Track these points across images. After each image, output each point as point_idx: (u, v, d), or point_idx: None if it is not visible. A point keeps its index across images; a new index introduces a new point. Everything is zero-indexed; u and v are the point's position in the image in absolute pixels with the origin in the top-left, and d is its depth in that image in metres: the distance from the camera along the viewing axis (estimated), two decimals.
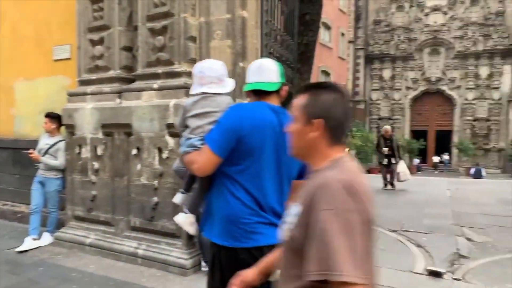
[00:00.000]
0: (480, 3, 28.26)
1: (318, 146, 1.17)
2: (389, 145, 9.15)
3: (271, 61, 1.97)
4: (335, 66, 24.71)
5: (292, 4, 5.66)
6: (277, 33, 4.83)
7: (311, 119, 1.15)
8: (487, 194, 8.28)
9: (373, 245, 1.06)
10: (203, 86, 2.01)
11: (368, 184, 1.09)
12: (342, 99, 1.18)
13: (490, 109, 28.58)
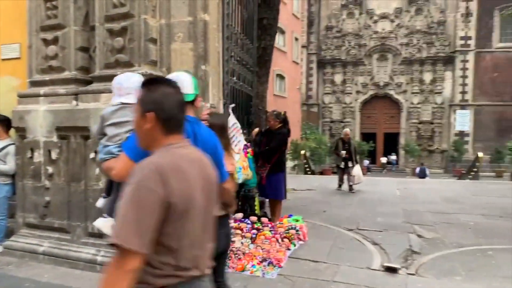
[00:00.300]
0: (424, 13, 30.01)
1: (154, 135, 1.29)
2: (347, 149, 9.14)
3: (186, 74, 2.12)
4: (289, 70, 25.16)
5: (251, 9, 5.73)
6: (238, 36, 4.88)
7: (145, 112, 1.27)
8: (432, 193, 8.80)
9: (201, 230, 1.24)
10: (121, 96, 2.16)
11: (208, 171, 1.30)
12: (174, 93, 1.31)
13: (434, 112, 30.39)
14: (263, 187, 5.14)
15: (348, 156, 9.07)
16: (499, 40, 29.48)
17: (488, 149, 29.00)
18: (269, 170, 5.05)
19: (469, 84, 29.64)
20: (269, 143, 5.09)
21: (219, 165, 2.06)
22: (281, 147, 5.21)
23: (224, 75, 4.34)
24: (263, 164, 5.12)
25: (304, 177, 13.60)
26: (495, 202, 7.51)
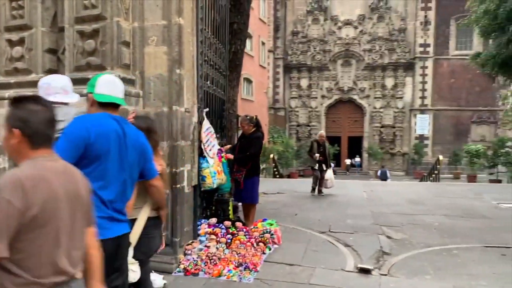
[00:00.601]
0: (385, 20, 31.06)
1: (20, 149, 1.38)
2: (322, 151, 8.98)
3: (118, 79, 2.23)
4: (256, 74, 25.33)
5: (223, 14, 5.73)
6: (211, 41, 4.87)
7: (11, 129, 1.36)
8: (397, 195, 9.10)
9: (67, 238, 1.32)
10: (49, 96, 2.19)
11: (81, 184, 1.41)
12: (41, 111, 1.39)
13: (395, 116, 31.47)
14: (238, 191, 5.15)
15: (323, 159, 8.93)
16: (455, 48, 31.01)
17: (446, 152, 30.34)
18: (245, 174, 5.06)
19: (428, 89, 30.96)
20: (245, 148, 5.11)
21: (148, 162, 2.23)
22: (260, 152, 5.29)
23: (198, 79, 4.31)
24: (239, 168, 5.12)
25: (273, 180, 13.70)
26: (455, 203, 7.87)
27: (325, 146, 9.18)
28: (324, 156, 8.96)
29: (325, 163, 8.96)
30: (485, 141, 29.69)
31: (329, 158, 9.24)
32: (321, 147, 9.05)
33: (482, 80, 30.03)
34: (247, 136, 5.24)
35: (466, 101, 31.09)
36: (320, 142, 9.16)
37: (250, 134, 5.23)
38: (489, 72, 17.05)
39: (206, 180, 4.32)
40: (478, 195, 8.98)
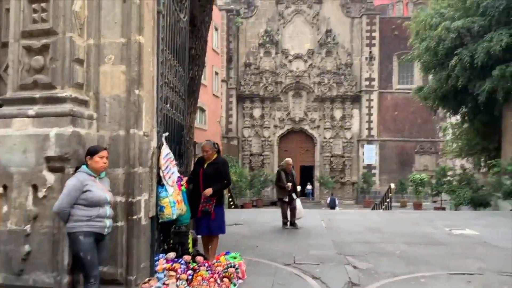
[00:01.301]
0: (333, 55, 32.50)
1: None
2: (290, 180, 8.38)
3: None
4: (210, 103, 25.22)
5: (183, 37, 5.55)
6: (171, 63, 4.64)
7: None
8: (355, 223, 9.12)
9: None
10: None
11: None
12: None
13: (344, 146, 32.47)
14: (204, 222, 4.83)
15: (292, 189, 8.38)
16: (398, 82, 33.00)
17: (392, 181, 31.51)
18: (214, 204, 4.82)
19: (374, 121, 32.43)
20: (213, 176, 4.86)
21: None
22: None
23: (158, 101, 4.03)
24: (209, 198, 4.83)
25: (229, 211, 13.27)
26: (412, 230, 7.98)
27: (293, 175, 8.66)
28: (293, 185, 8.48)
29: (294, 193, 8.45)
30: (428, 170, 31.29)
31: (297, 187, 8.77)
32: (289, 176, 8.48)
33: (423, 113, 31.99)
34: (212, 162, 4.99)
35: (409, 132, 32.86)
36: (288, 170, 8.56)
37: (214, 160, 4.98)
38: (431, 105, 18.20)
39: (165, 211, 3.96)
40: (430, 222, 9.21)
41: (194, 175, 5.01)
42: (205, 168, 4.96)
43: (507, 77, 13.02)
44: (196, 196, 4.85)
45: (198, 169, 4.96)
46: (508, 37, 12.94)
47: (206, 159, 4.99)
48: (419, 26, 16.50)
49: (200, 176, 4.92)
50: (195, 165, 5.10)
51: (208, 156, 4.97)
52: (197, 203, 4.83)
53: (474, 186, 15.86)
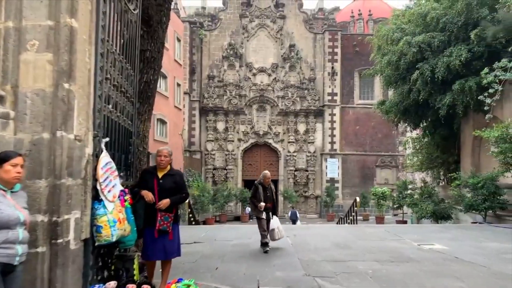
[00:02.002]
0: (296, 69, 32.67)
1: None
2: (269, 196, 7.40)
3: None
4: (171, 115, 24.38)
5: (133, 32, 4.92)
6: (116, 57, 3.99)
7: None
8: (321, 239, 8.66)
9: None
10: None
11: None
12: None
13: (308, 160, 32.44)
14: (158, 244, 4.17)
15: (270, 206, 7.32)
16: (359, 97, 33.57)
17: (355, 194, 31.75)
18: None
19: (336, 135, 32.69)
20: (168, 188, 4.28)
21: None
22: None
23: (96, 99, 3.37)
24: (166, 215, 4.19)
25: (189, 227, 12.50)
26: (380, 246, 7.61)
27: (272, 190, 7.60)
28: (272, 202, 7.41)
29: (272, 211, 7.43)
30: (388, 184, 31.79)
31: (277, 204, 7.71)
32: (267, 191, 7.41)
33: (383, 128, 32.65)
34: (168, 173, 4.37)
35: (370, 147, 33.37)
36: (266, 184, 7.44)
37: (169, 171, 4.37)
38: (393, 119, 18.35)
39: (103, 232, 3.27)
40: (398, 237, 8.91)
41: (145, 188, 4.31)
42: (161, 180, 4.31)
43: (466, 91, 13.22)
44: (150, 213, 4.19)
45: (151, 181, 4.29)
46: (466, 52, 13.19)
47: (160, 169, 4.35)
48: (381, 40, 16.65)
49: (155, 189, 4.26)
50: (144, 176, 4.42)
51: (164, 165, 4.34)
52: (151, 221, 4.18)
53: (435, 199, 15.95)
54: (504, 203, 12.37)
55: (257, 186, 7.39)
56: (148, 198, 4.12)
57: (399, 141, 32.59)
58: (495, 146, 10.82)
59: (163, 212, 4.22)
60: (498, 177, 12.48)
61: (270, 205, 7.35)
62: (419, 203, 16.16)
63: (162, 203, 4.19)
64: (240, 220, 29.05)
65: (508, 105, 13.28)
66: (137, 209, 4.01)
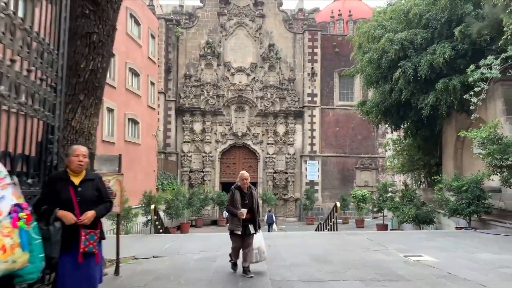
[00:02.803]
0: (276, 70, 31.95)
1: None
2: (248, 205, 5.75)
3: None
4: (144, 115, 23.18)
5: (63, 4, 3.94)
6: (16, 23, 2.99)
7: None
8: (298, 250, 7.81)
9: None
10: None
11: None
12: None
13: (287, 162, 31.73)
14: (83, 270, 3.21)
15: (250, 217, 5.75)
16: (339, 99, 33.08)
17: (334, 197, 31.24)
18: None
19: (316, 136, 32.10)
20: (91, 197, 3.39)
21: None
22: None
23: None
24: (91, 232, 3.30)
25: (154, 237, 11.41)
26: (363, 259, 6.80)
27: (253, 196, 5.91)
28: (252, 212, 5.79)
29: (253, 223, 5.79)
30: (368, 186, 31.38)
31: (259, 215, 5.99)
32: (246, 198, 5.80)
33: (363, 129, 32.26)
34: (86, 178, 3.41)
35: (350, 148, 32.91)
36: (244, 189, 5.85)
37: (87, 175, 3.42)
38: (373, 120, 17.73)
39: None
40: (382, 246, 8.14)
41: (57, 201, 3.29)
42: (80, 187, 3.35)
43: (450, 90, 12.66)
44: (67, 234, 3.22)
45: (65, 191, 3.30)
46: (450, 50, 12.64)
47: (75, 173, 3.38)
48: (361, 38, 16.01)
49: (74, 201, 3.29)
50: (53, 185, 3.36)
51: (82, 168, 3.39)
52: (70, 244, 3.21)
53: (417, 203, 15.37)
54: (489, 207, 11.82)
55: (233, 192, 5.87)
56: (68, 219, 3.17)
57: (379, 143, 32.25)
58: (481, 148, 10.21)
59: (88, 229, 3.27)
60: (483, 180, 11.94)
61: (250, 216, 5.73)
62: (401, 206, 15.55)
63: (87, 217, 3.25)
64: (217, 224, 28.03)
65: (492, 105, 12.79)
66: (51, 235, 3.03)
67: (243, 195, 5.82)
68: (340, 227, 26.06)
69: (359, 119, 28.85)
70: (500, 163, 9.62)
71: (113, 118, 19.15)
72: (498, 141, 9.69)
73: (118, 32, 22.19)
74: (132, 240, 9.22)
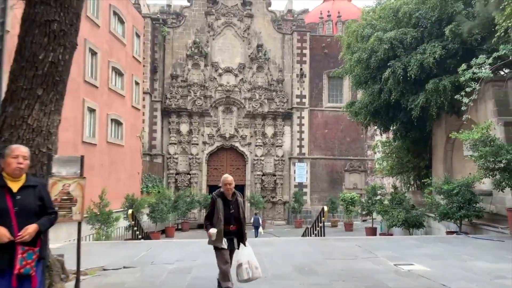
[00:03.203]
0: (264, 70, 31.51)
1: None
2: (233, 214, 4.93)
3: None
4: (128, 116, 22.50)
5: None
6: None
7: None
8: (281, 259, 7.30)
9: None
10: None
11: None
12: None
13: (276, 165, 31.27)
14: None
15: (235, 229, 4.95)
16: (328, 100, 32.76)
17: (323, 199, 30.88)
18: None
19: (305, 138, 31.71)
20: (37, 206, 2.89)
21: None
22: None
23: None
24: (29, 250, 2.79)
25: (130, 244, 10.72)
26: (351, 269, 6.34)
27: (239, 204, 5.08)
28: (238, 223, 4.99)
29: (239, 236, 4.99)
30: (357, 189, 31.09)
31: (245, 226, 5.11)
32: (231, 207, 4.94)
33: (352, 131, 31.99)
34: (26, 185, 2.88)
35: (339, 151, 32.59)
36: (228, 196, 4.98)
37: (26, 182, 2.90)
38: (362, 121, 17.36)
39: None
40: (371, 254, 7.70)
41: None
42: (18, 195, 2.82)
43: (441, 91, 12.32)
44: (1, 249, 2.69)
45: (1, 198, 2.77)
46: (440, 49, 12.31)
47: (13, 178, 2.85)
48: (350, 37, 15.63)
49: (11, 212, 2.76)
50: None
51: (22, 172, 2.86)
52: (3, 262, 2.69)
53: (406, 206, 15.02)
54: (480, 211, 11.49)
55: (215, 199, 4.94)
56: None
57: (368, 145, 32.01)
58: (473, 150, 9.86)
59: (26, 246, 2.74)
60: (474, 183, 11.61)
61: (235, 228, 4.92)
62: (390, 210, 15.18)
63: (27, 232, 2.73)
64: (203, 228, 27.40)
65: (483, 107, 12.49)
66: None
67: (227, 203, 4.92)
68: (328, 231, 25.69)
69: (348, 121, 28.55)
70: (493, 166, 9.26)
71: (95, 118, 18.47)
72: (491, 143, 9.34)
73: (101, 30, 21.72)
74: (106, 248, 8.63)
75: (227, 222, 4.88)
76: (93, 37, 18.20)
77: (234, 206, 5.01)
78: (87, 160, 18.78)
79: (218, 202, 4.93)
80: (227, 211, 4.90)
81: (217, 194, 5.05)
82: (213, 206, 4.97)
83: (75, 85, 16.72)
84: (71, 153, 16.82)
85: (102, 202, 15.17)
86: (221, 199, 4.95)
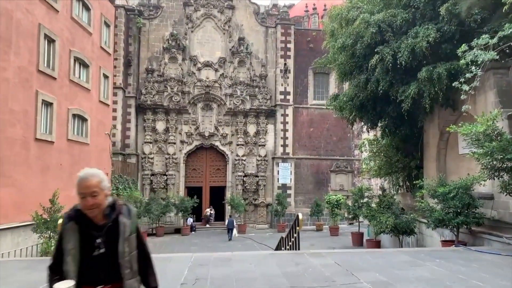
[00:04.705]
0: (246, 65, 29.78)
1: None
2: (104, 260, 2.41)
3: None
4: (94, 111, 20.53)
5: None
6: None
7: None
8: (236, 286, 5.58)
9: None
10: None
11: None
12: None
13: (258, 165, 29.55)
14: None
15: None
16: (313, 97, 31.17)
17: (308, 202, 29.28)
18: None
19: (289, 137, 30.08)
20: None
21: None
22: None
23: None
24: None
25: None
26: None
27: (121, 232, 2.47)
28: (115, 280, 2.43)
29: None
30: (343, 190, 29.55)
31: (152, 272, 2.65)
32: (98, 241, 2.43)
33: (338, 130, 30.46)
34: None
35: (325, 150, 31.04)
36: (94, 217, 2.46)
37: None
38: (347, 116, 15.71)
39: None
40: (351, 277, 6.00)
41: None
42: None
43: (435, 80, 10.72)
44: None
45: None
46: (435, 32, 10.73)
47: None
48: (334, 21, 13.98)
49: None
50: None
51: None
52: None
53: (396, 211, 13.44)
54: (481, 218, 9.90)
55: (64, 227, 2.45)
56: None
57: (355, 145, 30.49)
58: (476, 146, 8.25)
59: None
60: (474, 185, 10.04)
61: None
62: (378, 215, 13.57)
63: None
64: (180, 233, 25.53)
65: (483, 98, 10.91)
66: None
67: (89, 233, 2.44)
68: (313, 235, 24.12)
69: (334, 119, 27.05)
70: (500, 165, 7.66)
71: (52, 113, 16.49)
72: (498, 137, 7.73)
73: (61, 15, 18.71)
74: (23, 267, 6.80)
75: (87, 278, 2.41)
76: (50, 23, 16.25)
77: (108, 238, 2.45)
78: (41, 160, 16.17)
79: (66, 234, 2.45)
80: (86, 252, 2.42)
81: (68, 216, 2.51)
82: (59, 244, 2.49)
83: (25, 74, 14.76)
84: (20, 151, 14.84)
85: (54, 207, 13.27)
86: (77, 226, 2.45)
